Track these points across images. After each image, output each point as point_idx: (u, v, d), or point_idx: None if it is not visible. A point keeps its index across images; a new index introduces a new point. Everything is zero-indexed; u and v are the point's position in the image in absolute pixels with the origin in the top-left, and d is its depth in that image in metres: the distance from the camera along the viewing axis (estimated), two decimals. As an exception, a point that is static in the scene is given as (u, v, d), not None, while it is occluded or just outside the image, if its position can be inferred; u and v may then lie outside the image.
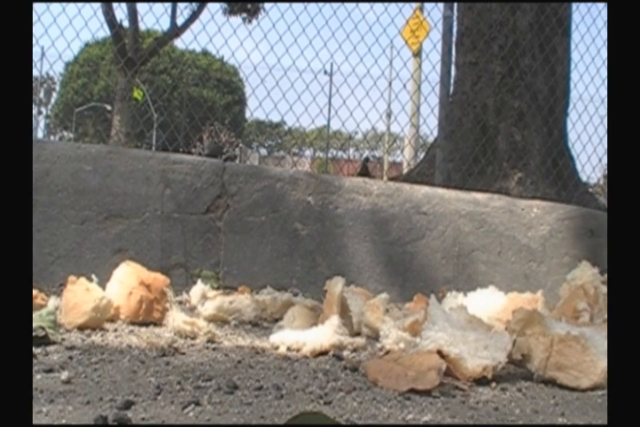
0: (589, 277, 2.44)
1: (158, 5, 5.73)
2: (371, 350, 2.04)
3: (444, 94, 4.18)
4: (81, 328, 2.04)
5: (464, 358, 1.70)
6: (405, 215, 3.19)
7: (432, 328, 1.78)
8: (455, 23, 4.45)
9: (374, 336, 2.15)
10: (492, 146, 4.40)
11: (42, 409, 1.30)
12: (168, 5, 10.56)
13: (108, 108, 20.34)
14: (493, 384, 1.70)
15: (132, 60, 10.72)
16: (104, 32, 19.31)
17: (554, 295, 2.74)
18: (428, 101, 4.40)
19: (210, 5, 11.73)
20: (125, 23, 12.16)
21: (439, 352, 1.70)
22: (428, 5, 5.40)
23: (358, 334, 2.22)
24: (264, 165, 3.81)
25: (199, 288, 2.61)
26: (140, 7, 11.33)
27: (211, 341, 2.03)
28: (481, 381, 1.70)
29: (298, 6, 4.25)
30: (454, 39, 4.42)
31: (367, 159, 9.98)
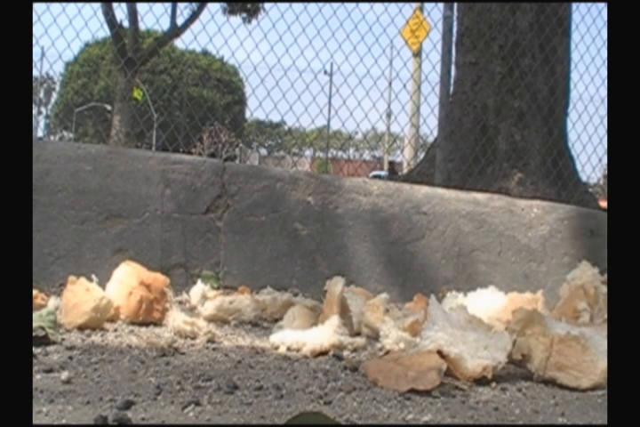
0: (589, 277, 2.44)
1: (158, 5, 5.72)
2: (371, 350, 2.04)
3: (443, 94, 4.18)
4: (81, 328, 2.04)
5: (464, 358, 1.70)
6: (405, 215, 3.19)
7: (432, 328, 1.78)
8: (455, 23, 4.45)
9: (374, 336, 2.15)
10: (492, 146, 4.40)
11: (42, 409, 1.30)
12: (168, 5, 10.58)
13: (108, 108, 20.35)
14: (493, 384, 1.70)
15: (131, 60, 10.73)
16: (104, 32, 19.36)
17: (554, 295, 2.74)
18: (427, 101, 4.40)
19: (210, 5, 11.76)
20: (125, 23, 12.18)
21: (439, 352, 1.70)
22: (428, 5, 5.40)
23: (358, 334, 2.22)
24: (264, 165, 3.81)
25: (199, 288, 2.61)
26: (140, 7, 11.34)
27: (211, 341, 2.03)
28: (481, 381, 1.70)
29: (298, 6, 4.26)
30: (454, 39, 4.42)
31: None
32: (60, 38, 3.72)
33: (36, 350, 1.76)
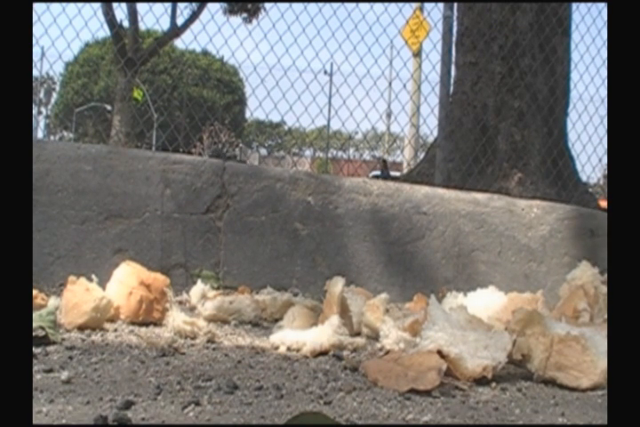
0: (589, 277, 2.44)
1: (158, 5, 5.73)
2: (371, 350, 2.04)
3: (443, 94, 4.18)
4: (81, 328, 2.04)
5: (464, 358, 1.70)
6: (405, 215, 3.19)
7: (432, 328, 1.78)
8: (455, 23, 4.46)
9: (374, 336, 2.15)
10: (492, 146, 4.40)
11: (42, 409, 1.30)
12: (168, 5, 10.58)
13: (108, 108, 20.36)
14: (493, 384, 1.70)
15: (131, 60, 10.73)
16: (104, 32, 19.36)
17: (554, 295, 2.74)
18: (427, 101, 4.41)
19: (210, 5, 11.76)
20: (125, 23, 12.18)
21: (439, 352, 1.70)
22: (428, 5, 5.40)
23: (358, 334, 2.22)
24: (264, 165, 3.81)
25: (199, 288, 2.61)
26: (140, 7, 11.34)
27: (211, 341, 2.03)
28: (481, 381, 1.70)
29: (298, 6, 4.26)
30: (454, 39, 4.42)
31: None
32: (60, 38, 3.74)
33: (36, 350, 1.76)
